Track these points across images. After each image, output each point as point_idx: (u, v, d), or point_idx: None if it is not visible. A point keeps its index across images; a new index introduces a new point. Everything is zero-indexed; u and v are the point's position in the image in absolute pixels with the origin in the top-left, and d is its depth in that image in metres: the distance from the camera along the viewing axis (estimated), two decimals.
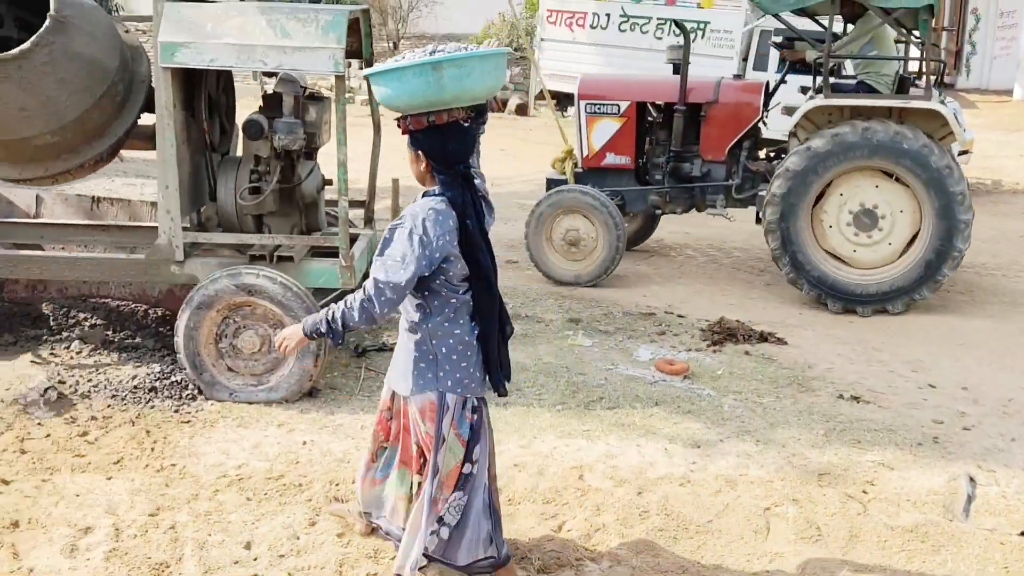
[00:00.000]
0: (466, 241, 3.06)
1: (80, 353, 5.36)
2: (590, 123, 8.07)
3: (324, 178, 5.71)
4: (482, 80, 3.00)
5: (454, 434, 3.16)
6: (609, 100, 8.02)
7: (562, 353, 5.95)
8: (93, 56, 4.81)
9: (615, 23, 14.22)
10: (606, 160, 8.09)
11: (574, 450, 4.53)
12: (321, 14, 4.84)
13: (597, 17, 14.39)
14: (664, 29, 13.69)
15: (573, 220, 7.71)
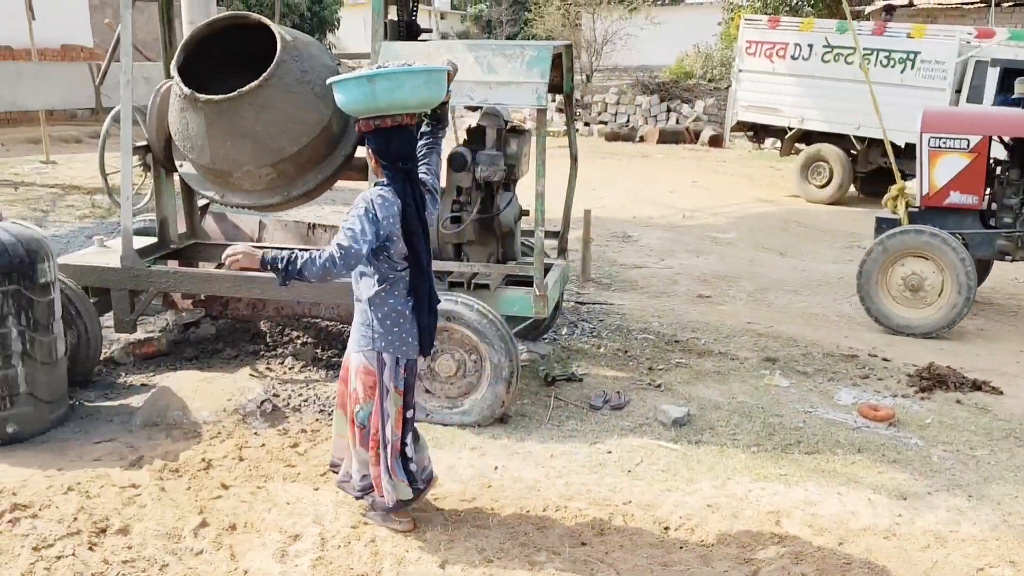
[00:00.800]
0: (405, 225, 3.61)
1: (292, 369, 5.70)
2: (933, 158, 7.58)
3: (521, 208, 5.85)
4: (413, 92, 3.54)
5: (392, 386, 3.76)
6: (956, 134, 7.53)
7: (757, 393, 5.78)
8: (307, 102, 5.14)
9: (818, 54, 13.78)
10: (949, 199, 7.59)
11: (770, 494, 4.38)
12: (526, 50, 4.98)
13: (799, 48, 14.00)
14: (870, 60, 13.13)
15: (915, 264, 7.28)
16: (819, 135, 14.03)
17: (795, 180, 14.36)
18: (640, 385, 5.83)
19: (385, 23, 5.22)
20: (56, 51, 20.92)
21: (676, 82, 25.59)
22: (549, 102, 4.97)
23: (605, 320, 7.23)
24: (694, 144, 22.27)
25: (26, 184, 13.11)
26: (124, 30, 5.44)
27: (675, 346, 6.69)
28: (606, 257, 9.64)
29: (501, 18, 42.20)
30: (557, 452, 4.77)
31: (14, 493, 3.98)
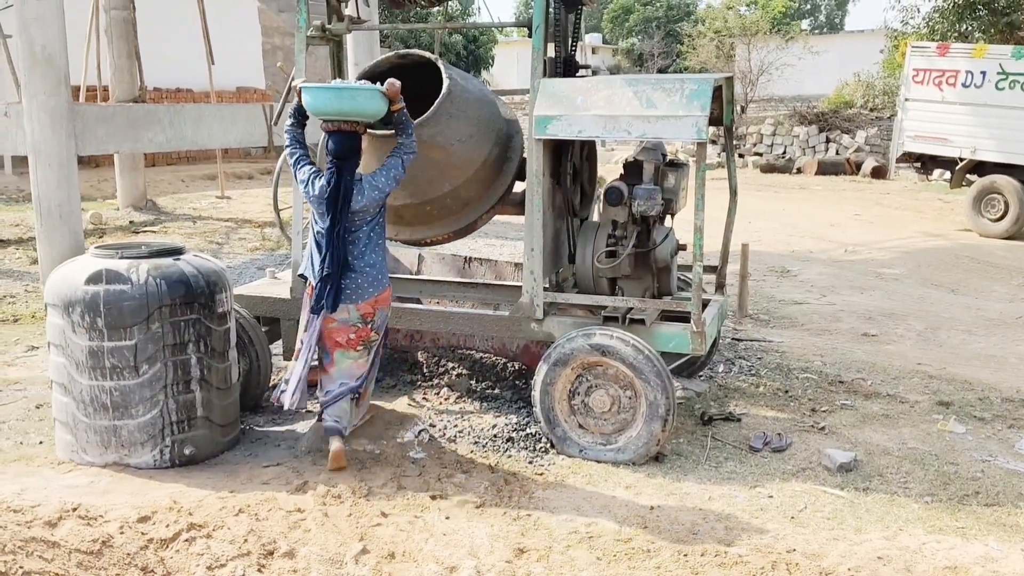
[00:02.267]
0: (316, 203, 4.72)
1: (448, 400, 5.80)
2: None
3: (678, 243, 5.76)
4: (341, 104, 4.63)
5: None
6: None
7: (930, 439, 5.45)
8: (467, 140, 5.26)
9: (991, 81, 13.06)
10: None
11: (946, 548, 4.10)
12: (687, 83, 4.93)
13: (971, 75, 13.31)
14: None
15: None
16: (993, 166, 13.27)
17: (967, 213, 13.61)
18: (802, 427, 5.61)
19: (544, 60, 5.29)
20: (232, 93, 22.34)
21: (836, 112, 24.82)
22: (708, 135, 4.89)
23: (764, 358, 7.01)
24: (855, 176, 21.48)
25: (203, 218, 14.01)
26: (298, 72, 5.73)
27: (839, 387, 6.40)
28: (764, 292, 9.37)
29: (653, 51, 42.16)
30: (715, 494, 4.64)
31: (190, 513, 4.20)
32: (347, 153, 4.67)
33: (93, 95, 14.22)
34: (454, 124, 5.16)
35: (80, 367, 4.76)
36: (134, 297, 4.68)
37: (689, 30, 34.90)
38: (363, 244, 4.80)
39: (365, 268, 4.80)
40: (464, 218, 5.49)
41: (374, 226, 4.83)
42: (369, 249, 4.83)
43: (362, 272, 4.80)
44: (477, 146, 5.27)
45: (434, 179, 5.27)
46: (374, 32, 12.34)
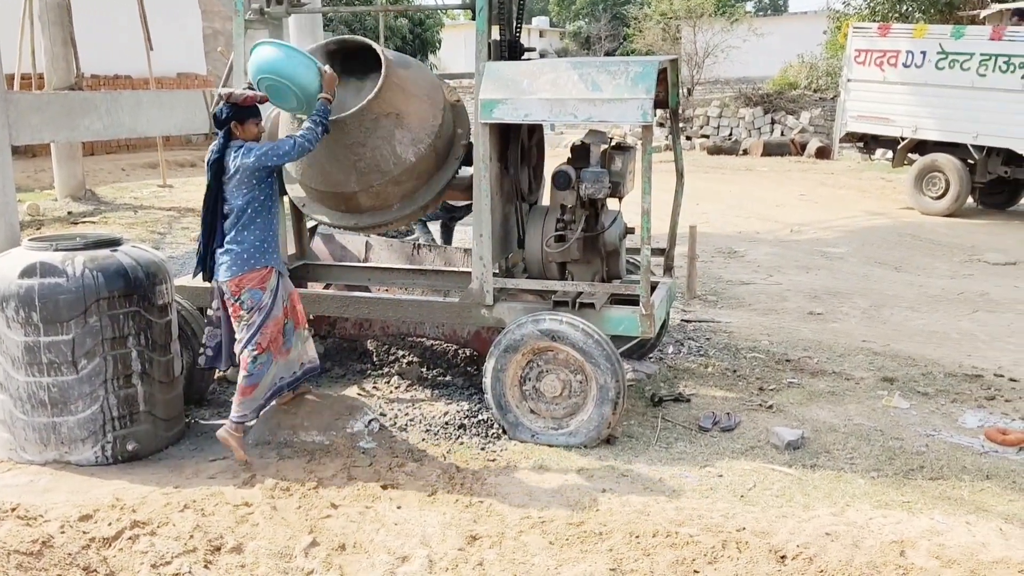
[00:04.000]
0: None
1: (398, 388, 5.75)
2: None
3: (627, 226, 5.76)
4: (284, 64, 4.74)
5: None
6: None
7: (875, 415, 5.53)
8: (418, 117, 5.19)
9: (932, 61, 13.26)
10: None
11: (893, 523, 4.16)
12: (631, 66, 4.91)
13: (911, 55, 13.50)
14: (988, 66, 12.58)
15: None
16: (934, 145, 13.51)
17: (909, 192, 13.85)
18: (751, 406, 5.66)
19: (489, 43, 5.23)
20: (173, 79, 21.87)
21: (780, 93, 25.09)
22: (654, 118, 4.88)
23: (712, 339, 7.07)
24: (800, 156, 21.75)
25: (145, 207, 13.71)
26: (237, 57, 5.61)
27: (786, 365, 6.48)
28: (712, 274, 9.45)
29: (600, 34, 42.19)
30: (666, 475, 4.66)
31: (134, 510, 4.10)
32: (242, 117, 4.69)
33: (28, 83, 13.80)
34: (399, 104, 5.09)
35: (16, 363, 4.61)
36: (70, 290, 4.55)
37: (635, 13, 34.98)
38: (234, 220, 4.70)
39: (229, 246, 4.73)
40: (410, 203, 5.42)
41: (252, 203, 4.70)
42: (239, 227, 4.71)
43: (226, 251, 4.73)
44: (423, 127, 5.20)
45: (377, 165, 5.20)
46: (316, 15, 12.13)
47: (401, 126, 5.12)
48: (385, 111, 5.05)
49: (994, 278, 9.52)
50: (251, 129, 4.71)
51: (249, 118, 4.70)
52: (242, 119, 4.67)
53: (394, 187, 5.29)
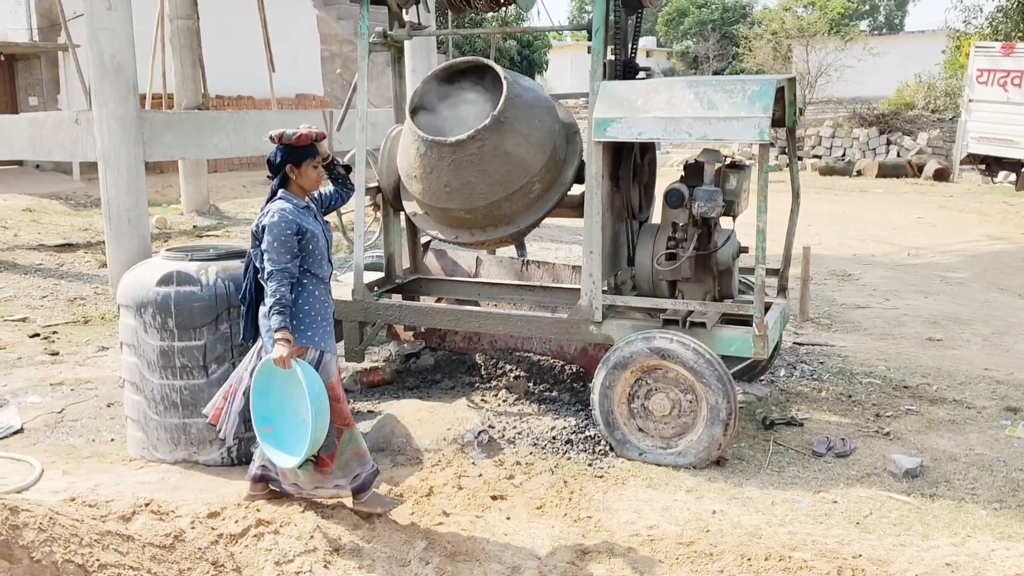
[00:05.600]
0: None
1: (506, 401, 5.83)
2: None
3: (740, 245, 5.72)
4: None
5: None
6: None
7: (998, 445, 5.33)
8: (532, 137, 5.29)
9: None
10: None
11: (1016, 555, 4.00)
12: (749, 85, 4.90)
13: None
14: None
15: None
16: None
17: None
18: (866, 432, 5.53)
19: (604, 63, 5.30)
20: (292, 100, 22.70)
21: (896, 113, 24.34)
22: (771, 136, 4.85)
23: (826, 362, 6.92)
24: (917, 178, 21.03)
25: None
26: (360, 79, 5.82)
27: (904, 392, 6.29)
28: (825, 296, 9.24)
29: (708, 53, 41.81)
30: (778, 499, 4.59)
31: (258, 509, 4.27)
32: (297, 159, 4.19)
33: (158, 103, 14.57)
34: (513, 131, 5.19)
35: (152, 366, 4.89)
36: (203, 298, 4.80)
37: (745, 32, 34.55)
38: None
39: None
40: (521, 221, 5.52)
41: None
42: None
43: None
44: (536, 151, 5.30)
45: (493, 184, 5.31)
46: (431, 38, 12.45)
47: (518, 145, 5.23)
48: (504, 132, 5.16)
49: None
50: (309, 173, 4.17)
51: (305, 159, 4.15)
52: (298, 161, 4.14)
53: (508, 205, 5.40)
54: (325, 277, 4.24)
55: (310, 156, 4.17)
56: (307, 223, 4.12)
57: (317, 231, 4.17)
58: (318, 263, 4.17)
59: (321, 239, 4.19)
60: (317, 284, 4.19)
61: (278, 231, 4.01)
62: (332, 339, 4.23)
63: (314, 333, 4.13)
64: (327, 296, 4.26)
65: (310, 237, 4.10)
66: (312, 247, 4.12)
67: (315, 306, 4.16)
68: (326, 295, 4.25)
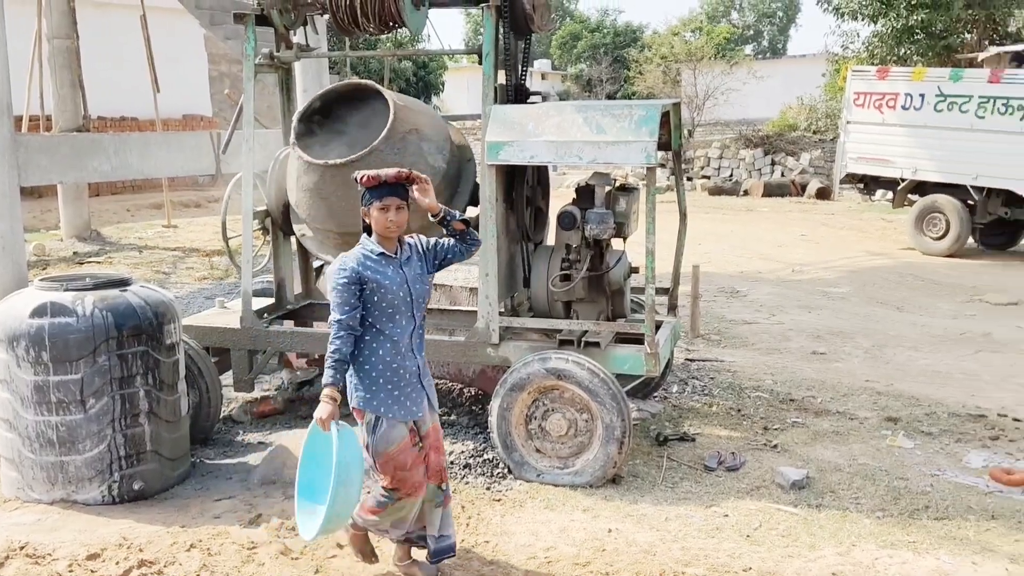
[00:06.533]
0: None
1: None
2: None
3: (631, 266, 5.82)
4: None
5: None
6: None
7: (879, 455, 5.54)
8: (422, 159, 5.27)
9: (930, 103, 13.41)
10: None
11: (899, 563, 4.16)
12: (635, 109, 5.00)
13: (910, 98, 13.66)
14: (987, 108, 12.72)
15: None
16: (933, 186, 13.60)
17: (909, 232, 13.93)
18: (755, 445, 5.67)
19: (495, 87, 5.33)
20: (178, 121, 22.08)
21: (780, 135, 25.28)
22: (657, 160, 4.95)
23: (716, 378, 7.08)
24: (800, 197, 21.87)
25: (149, 247, 13.80)
26: (246, 100, 5.70)
27: (790, 405, 6.49)
28: (715, 313, 9.48)
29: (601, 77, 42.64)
30: (672, 515, 4.66)
31: (140, 550, 4.10)
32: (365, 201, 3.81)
33: (36, 125, 13.97)
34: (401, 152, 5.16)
35: (25, 402, 4.64)
36: (80, 330, 4.59)
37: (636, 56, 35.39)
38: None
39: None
40: None
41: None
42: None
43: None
44: (430, 169, 5.28)
45: None
46: (323, 60, 12.32)
47: (424, 138, 5.21)
48: (406, 128, 5.14)
49: (996, 318, 9.55)
50: (375, 216, 3.71)
51: (372, 201, 3.71)
52: (366, 202, 3.74)
53: None
54: (395, 335, 3.71)
55: (376, 198, 3.69)
56: (375, 272, 3.67)
57: (389, 283, 3.68)
58: (386, 318, 3.69)
59: (394, 292, 3.68)
60: (382, 342, 3.70)
61: (335, 280, 3.69)
62: (401, 405, 3.73)
63: (372, 396, 3.69)
64: (397, 357, 3.72)
65: (375, 288, 3.65)
66: (378, 299, 3.66)
67: (376, 366, 3.70)
68: (396, 355, 3.72)
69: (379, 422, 3.72)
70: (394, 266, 3.73)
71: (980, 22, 20.67)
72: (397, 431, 3.73)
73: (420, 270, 3.82)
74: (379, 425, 3.71)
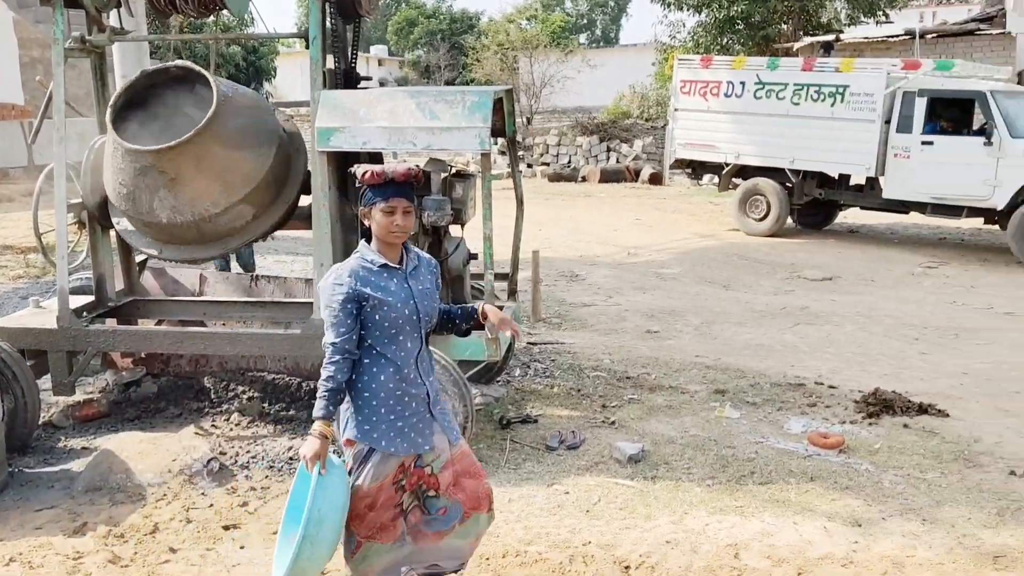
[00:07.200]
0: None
1: (239, 425, 5.58)
2: None
3: (470, 252, 5.84)
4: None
5: None
6: None
7: (709, 425, 5.80)
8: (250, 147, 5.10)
9: (750, 91, 14.09)
10: None
11: (728, 527, 4.38)
12: (468, 95, 5.01)
13: (731, 85, 14.31)
14: (801, 95, 13.49)
15: None
16: (755, 170, 14.28)
17: (734, 214, 14.60)
18: (594, 423, 5.82)
19: (324, 72, 5.21)
20: None
21: (614, 122, 25.99)
22: (492, 146, 4.99)
23: (557, 360, 7.23)
24: (635, 182, 22.58)
25: None
26: (56, 87, 5.35)
27: (627, 382, 6.70)
28: (555, 297, 9.66)
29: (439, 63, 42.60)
30: (515, 496, 4.72)
31: None
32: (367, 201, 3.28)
33: None
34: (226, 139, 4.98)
35: None
36: None
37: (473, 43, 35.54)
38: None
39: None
40: (240, 238, 5.31)
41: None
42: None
43: None
44: (253, 162, 5.12)
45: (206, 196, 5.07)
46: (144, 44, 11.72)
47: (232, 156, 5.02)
48: (215, 141, 4.94)
49: (813, 293, 10.17)
50: (384, 222, 3.16)
51: (376, 201, 3.17)
52: (367, 203, 3.21)
53: (226, 218, 5.17)
54: (398, 359, 3.20)
55: (379, 198, 3.15)
56: (375, 288, 3.15)
57: (393, 300, 3.16)
58: (388, 339, 3.18)
59: (398, 310, 3.17)
60: (384, 367, 3.19)
61: (329, 297, 3.15)
62: (405, 438, 3.22)
63: (372, 428, 3.19)
64: (402, 384, 3.21)
65: (376, 306, 3.14)
66: (379, 318, 3.15)
67: (378, 394, 3.19)
68: (401, 382, 3.21)
69: (371, 454, 3.21)
70: (398, 279, 3.21)
71: (795, 13, 21.89)
72: (387, 466, 3.21)
73: (430, 284, 3.32)
74: (371, 457, 3.21)
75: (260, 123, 5.22)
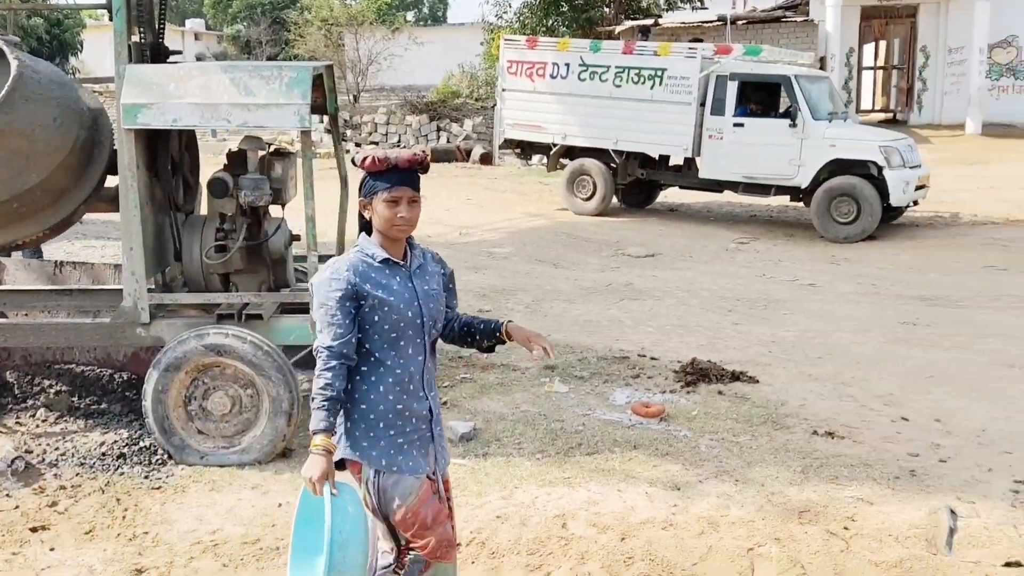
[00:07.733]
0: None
1: (46, 421, 5.24)
2: None
3: (292, 233, 5.68)
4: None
5: None
6: None
7: (539, 401, 5.92)
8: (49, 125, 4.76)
9: (575, 72, 14.37)
10: None
11: (556, 498, 4.49)
12: (285, 71, 4.86)
13: (557, 67, 14.54)
14: (622, 77, 13.88)
15: None
16: (582, 150, 14.61)
17: (562, 194, 14.89)
18: None
19: (129, 45, 4.92)
20: None
21: (444, 102, 25.96)
22: (315, 124, 4.86)
23: None
24: (466, 162, 22.65)
25: None
26: None
27: (459, 362, 6.73)
28: None
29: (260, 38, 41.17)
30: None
31: None
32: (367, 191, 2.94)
33: None
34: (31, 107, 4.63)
35: None
36: None
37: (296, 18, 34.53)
38: None
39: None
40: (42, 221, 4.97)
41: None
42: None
43: None
44: (61, 132, 4.78)
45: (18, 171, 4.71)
46: None
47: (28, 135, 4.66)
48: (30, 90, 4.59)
49: (636, 269, 10.54)
50: (386, 213, 2.85)
51: (378, 190, 2.86)
52: (367, 193, 2.89)
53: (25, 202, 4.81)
54: (399, 367, 2.88)
55: (382, 186, 2.84)
56: (376, 286, 2.84)
57: (395, 299, 2.85)
58: (388, 345, 2.87)
59: (400, 312, 2.86)
60: (383, 376, 2.87)
61: (323, 294, 2.82)
62: (408, 456, 2.91)
63: (371, 445, 2.87)
64: (403, 396, 2.89)
65: (376, 306, 2.83)
66: (379, 320, 2.83)
67: (376, 407, 2.87)
68: (402, 394, 2.89)
69: (379, 477, 2.89)
70: (401, 277, 2.91)
71: None
72: (406, 483, 2.89)
73: (437, 284, 3.01)
74: (380, 480, 2.89)
75: (61, 100, 4.87)
